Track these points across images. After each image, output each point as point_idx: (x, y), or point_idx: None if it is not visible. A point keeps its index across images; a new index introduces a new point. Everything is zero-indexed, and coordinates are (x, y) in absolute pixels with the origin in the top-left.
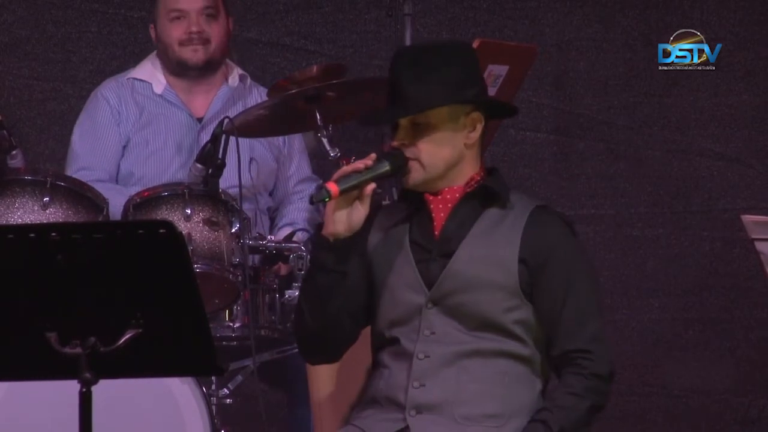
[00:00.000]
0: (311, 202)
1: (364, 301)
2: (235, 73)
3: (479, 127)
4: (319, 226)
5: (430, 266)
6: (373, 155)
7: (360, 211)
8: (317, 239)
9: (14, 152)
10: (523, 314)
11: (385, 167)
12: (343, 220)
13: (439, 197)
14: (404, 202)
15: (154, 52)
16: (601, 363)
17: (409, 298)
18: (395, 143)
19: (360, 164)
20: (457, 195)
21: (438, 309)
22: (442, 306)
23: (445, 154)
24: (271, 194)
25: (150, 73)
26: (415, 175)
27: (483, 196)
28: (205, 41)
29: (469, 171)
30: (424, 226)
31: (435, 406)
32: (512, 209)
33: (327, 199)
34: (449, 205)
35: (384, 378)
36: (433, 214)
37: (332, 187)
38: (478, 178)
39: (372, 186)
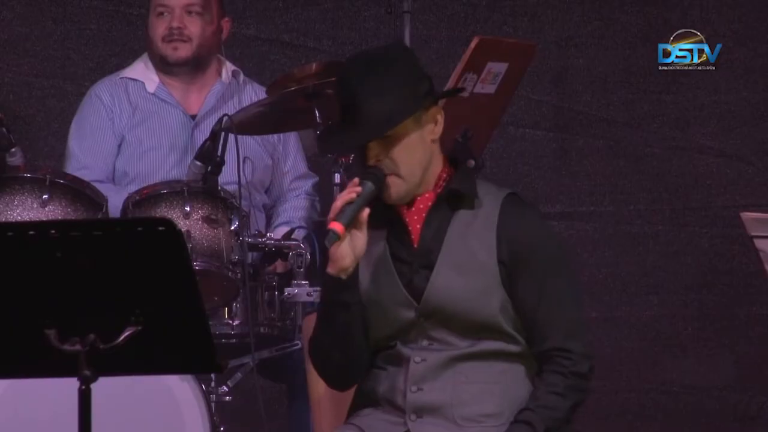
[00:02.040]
0: (327, 247)
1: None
2: (228, 69)
3: (441, 120)
4: (323, 266)
5: (413, 280)
6: (356, 180)
7: (360, 239)
8: (329, 281)
9: (13, 150)
10: (512, 312)
11: (372, 189)
12: (349, 253)
13: (413, 208)
14: (377, 216)
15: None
16: (581, 361)
17: (400, 315)
18: (371, 162)
19: (352, 194)
20: (429, 203)
21: (431, 321)
22: (434, 318)
23: (419, 158)
24: (267, 191)
25: (142, 72)
26: (397, 189)
27: (451, 197)
28: (187, 39)
29: (437, 169)
30: (401, 239)
31: (434, 409)
32: (481, 206)
33: (337, 240)
34: (423, 214)
35: (381, 380)
36: (409, 227)
37: (337, 227)
38: (445, 176)
39: (367, 211)
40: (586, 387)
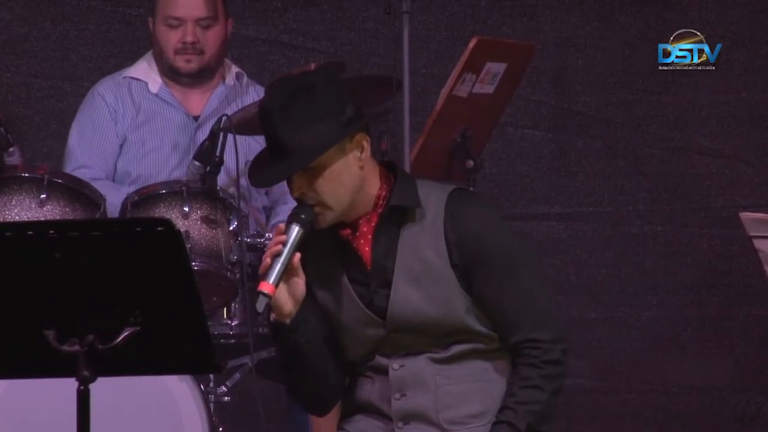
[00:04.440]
0: (260, 314)
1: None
2: (232, 72)
3: (366, 146)
4: (268, 316)
5: (374, 299)
6: (281, 226)
7: (298, 283)
8: (274, 327)
9: (12, 149)
10: (480, 312)
11: (300, 232)
12: (288, 299)
13: (358, 233)
14: (324, 241)
15: (151, 51)
16: (552, 348)
17: (370, 334)
18: (295, 195)
19: (276, 246)
20: (373, 224)
21: (402, 334)
22: (404, 331)
23: (345, 185)
24: (266, 193)
25: (146, 72)
26: (325, 218)
27: (395, 213)
28: (200, 51)
29: (373, 190)
30: (354, 262)
31: (420, 414)
32: (426, 214)
33: (270, 300)
34: (369, 236)
35: (367, 388)
36: (359, 251)
37: (267, 288)
38: (384, 194)
39: (298, 256)
40: (563, 372)
